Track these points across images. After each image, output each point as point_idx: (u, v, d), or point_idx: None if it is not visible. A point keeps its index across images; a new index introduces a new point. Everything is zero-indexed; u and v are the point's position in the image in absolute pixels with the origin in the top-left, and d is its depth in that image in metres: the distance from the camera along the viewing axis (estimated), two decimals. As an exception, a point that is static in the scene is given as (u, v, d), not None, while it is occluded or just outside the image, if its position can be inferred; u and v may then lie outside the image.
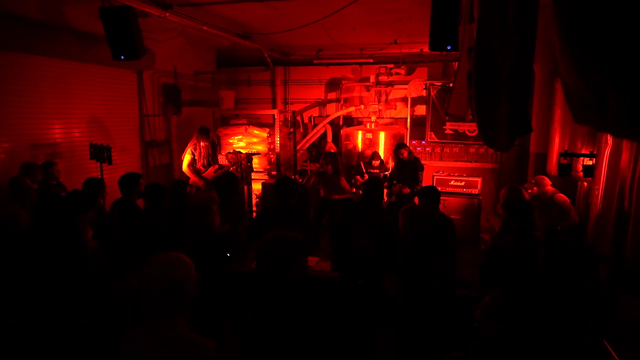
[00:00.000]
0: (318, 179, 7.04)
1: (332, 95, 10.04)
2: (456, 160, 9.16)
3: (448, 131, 9.03)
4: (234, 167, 6.53)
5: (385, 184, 7.11)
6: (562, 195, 5.05)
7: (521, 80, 2.29)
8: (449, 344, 3.51)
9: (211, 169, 6.74)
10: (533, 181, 5.62)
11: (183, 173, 6.99)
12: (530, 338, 2.41)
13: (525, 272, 3.25)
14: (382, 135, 8.53)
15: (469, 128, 8.77)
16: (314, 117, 10.16)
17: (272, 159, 8.21)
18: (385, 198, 7.09)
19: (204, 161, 6.82)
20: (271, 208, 4.25)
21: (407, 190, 6.62)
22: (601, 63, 1.49)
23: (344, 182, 6.79)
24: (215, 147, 6.95)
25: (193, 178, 6.73)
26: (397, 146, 7.04)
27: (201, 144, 6.77)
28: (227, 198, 4.04)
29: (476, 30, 2.67)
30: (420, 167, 6.91)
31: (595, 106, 1.56)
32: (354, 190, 7.26)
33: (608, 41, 1.44)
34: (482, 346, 2.11)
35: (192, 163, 6.74)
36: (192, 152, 6.76)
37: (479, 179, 7.78)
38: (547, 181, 5.42)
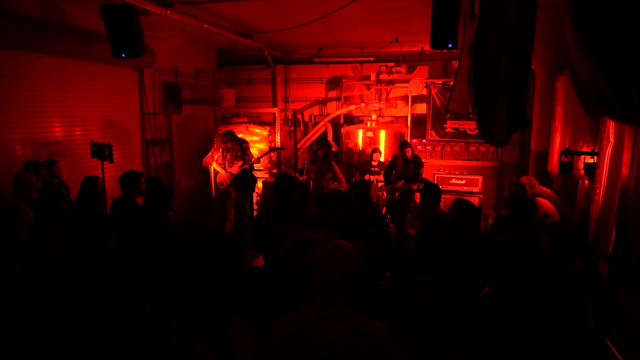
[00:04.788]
0: (309, 167, 7.15)
1: (333, 94, 10.04)
2: (457, 159, 9.16)
3: (449, 129, 9.03)
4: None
5: (382, 181, 7.18)
6: (539, 199, 5.02)
7: (518, 76, 2.29)
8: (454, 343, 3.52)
9: (235, 165, 6.87)
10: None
11: (182, 171, 7.10)
12: (526, 331, 2.42)
13: (525, 268, 3.26)
14: (382, 134, 8.53)
15: (470, 126, 8.77)
16: (314, 116, 10.17)
17: (273, 158, 8.22)
18: (383, 195, 7.12)
19: (228, 159, 6.97)
20: (271, 206, 4.23)
21: (414, 187, 6.84)
22: (621, 55, 1.48)
23: (336, 168, 6.91)
24: (242, 147, 7.10)
25: (221, 173, 7.05)
26: (402, 144, 7.11)
27: (228, 145, 6.94)
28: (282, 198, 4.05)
29: (476, 27, 2.67)
30: (421, 164, 7.06)
31: (612, 97, 1.55)
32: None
33: (629, 33, 1.43)
34: (482, 339, 2.12)
35: (217, 160, 7.08)
36: (215, 151, 7.09)
37: (479, 177, 7.79)
38: (533, 181, 5.41)
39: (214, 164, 7.12)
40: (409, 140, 9.09)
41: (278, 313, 1.95)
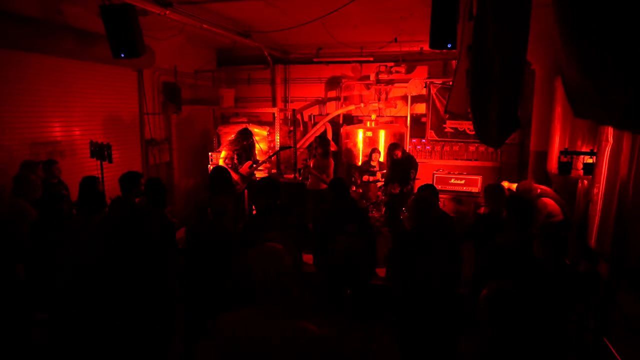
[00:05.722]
0: (310, 165, 7.18)
1: (332, 94, 10.04)
2: (456, 159, 9.17)
3: (448, 129, 9.03)
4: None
5: (382, 182, 7.16)
6: (544, 199, 5.03)
7: (512, 75, 2.30)
8: (447, 341, 3.52)
9: (246, 165, 6.83)
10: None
11: (182, 171, 7.05)
12: (526, 331, 2.42)
13: (524, 268, 3.26)
14: (382, 134, 8.52)
15: (469, 126, 8.76)
16: (314, 116, 10.17)
17: (272, 158, 8.20)
18: (382, 197, 7.12)
19: (240, 158, 6.94)
20: (265, 209, 4.17)
21: (395, 190, 6.63)
22: (607, 58, 1.48)
23: (331, 165, 7.00)
24: (253, 147, 7.08)
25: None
26: (391, 147, 7.03)
27: (244, 143, 6.88)
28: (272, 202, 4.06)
29: (474, 28, 2.67)
30: (414, 166, 6.89)
31: (598, 100, 1.56)
32: (353, 188, 7.29)
33: (614, 36, 1.43)
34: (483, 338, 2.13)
35: (226, 158, 6.90)
36: (229, 150, 6.92)
37: (479, 177, 7.79)
38: (532, 186, 5.40)
39: (221, 162, 7.00)
40: (408, 140, 9.11)
41: None
